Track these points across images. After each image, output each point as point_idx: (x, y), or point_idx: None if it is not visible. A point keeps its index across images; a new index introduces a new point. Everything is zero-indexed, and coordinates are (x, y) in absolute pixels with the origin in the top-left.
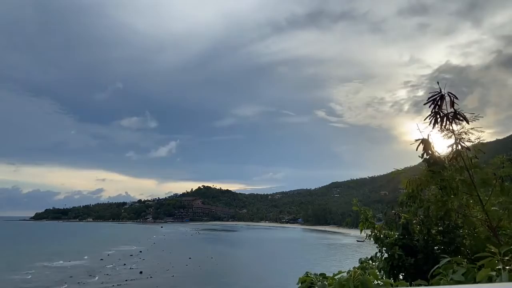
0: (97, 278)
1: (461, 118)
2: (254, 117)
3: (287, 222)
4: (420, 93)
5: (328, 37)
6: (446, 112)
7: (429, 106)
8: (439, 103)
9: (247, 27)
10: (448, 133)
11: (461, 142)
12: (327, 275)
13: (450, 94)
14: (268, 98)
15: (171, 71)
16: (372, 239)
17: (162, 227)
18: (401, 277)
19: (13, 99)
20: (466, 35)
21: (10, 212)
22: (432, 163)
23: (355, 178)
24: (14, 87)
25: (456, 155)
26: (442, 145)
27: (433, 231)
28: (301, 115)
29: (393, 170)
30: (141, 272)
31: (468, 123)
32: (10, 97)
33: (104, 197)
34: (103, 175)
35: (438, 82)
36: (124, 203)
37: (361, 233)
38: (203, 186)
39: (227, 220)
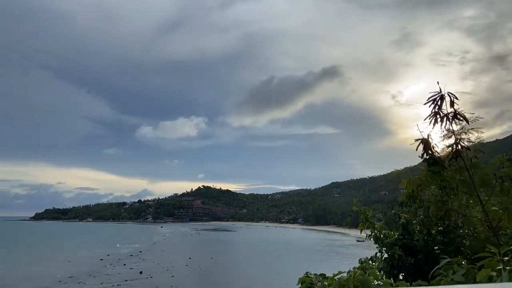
0: (97, 278)
1: (461, 118)
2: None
3: (287, 222)
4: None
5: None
6: (446, 112)
7: (429, 106)
8: (439, 103)
9: None
10: (448, 133)
11: (461, 142)
12: (326, 275)
13: (450, 94)
14: (261, 91)
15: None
16: (372, 239)
17: (162, 227)
18: (401, 277)
19: None
20: None
21: (9, 212)
22: (432, 163)
23: (355, 178)
24: None
25: (456, 155)
26: (442, 145)
27: (433, 231)
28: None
29: (393, 170)
30: (141, 272)
31: (468, 123)
32: None
33: (102, 197)
34: (97, 174)
35: (438, 82)
36: (124, 203)
37: (361, 233)
38: (203, 186)
39: (227, 220)
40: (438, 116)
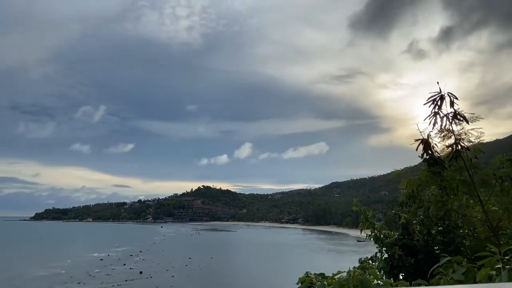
0: (97, 278)
1: (461, 119)
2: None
3: (287, 222)
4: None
5: None
6: (446, 112)
7: (429, 106)
8: (439, 103)
9: None
10: (448, 133)
11: (461, 142)
12: (326, 275)
13: (450, 94)
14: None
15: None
16: (372, 239)
17: (162, 227)
18: (401, 277)
19: None
20: None
21: (10, 212)
22: (432, 163)
23: (355, 178)
24: None
25: (456, 155)
26: (442, 145)
27: (433, 231)
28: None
29: (393, 170)
30: (141, 272)
31: (468, 123)
32: None
33: (102, 197)
34: (97, 174)
35: (438, 82)
36: (124, 203)
37: (361, 233)
38: (203, 186)
39: (227, 220)
40: (438, 116)
